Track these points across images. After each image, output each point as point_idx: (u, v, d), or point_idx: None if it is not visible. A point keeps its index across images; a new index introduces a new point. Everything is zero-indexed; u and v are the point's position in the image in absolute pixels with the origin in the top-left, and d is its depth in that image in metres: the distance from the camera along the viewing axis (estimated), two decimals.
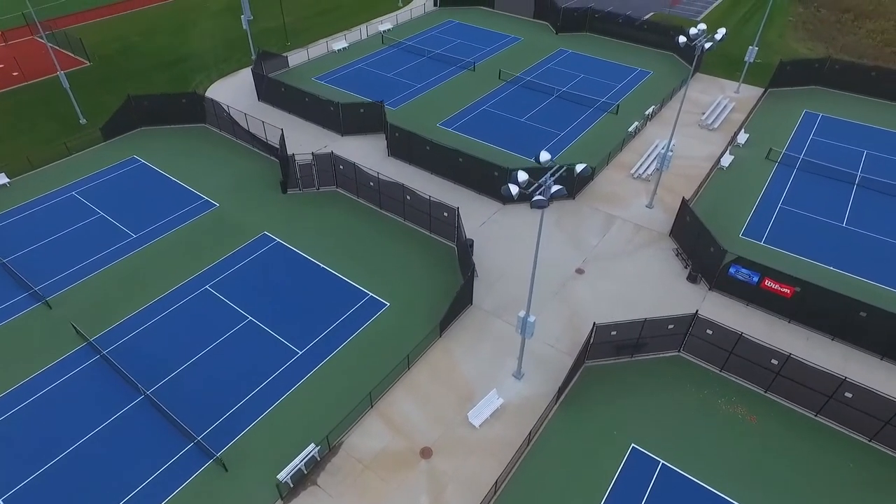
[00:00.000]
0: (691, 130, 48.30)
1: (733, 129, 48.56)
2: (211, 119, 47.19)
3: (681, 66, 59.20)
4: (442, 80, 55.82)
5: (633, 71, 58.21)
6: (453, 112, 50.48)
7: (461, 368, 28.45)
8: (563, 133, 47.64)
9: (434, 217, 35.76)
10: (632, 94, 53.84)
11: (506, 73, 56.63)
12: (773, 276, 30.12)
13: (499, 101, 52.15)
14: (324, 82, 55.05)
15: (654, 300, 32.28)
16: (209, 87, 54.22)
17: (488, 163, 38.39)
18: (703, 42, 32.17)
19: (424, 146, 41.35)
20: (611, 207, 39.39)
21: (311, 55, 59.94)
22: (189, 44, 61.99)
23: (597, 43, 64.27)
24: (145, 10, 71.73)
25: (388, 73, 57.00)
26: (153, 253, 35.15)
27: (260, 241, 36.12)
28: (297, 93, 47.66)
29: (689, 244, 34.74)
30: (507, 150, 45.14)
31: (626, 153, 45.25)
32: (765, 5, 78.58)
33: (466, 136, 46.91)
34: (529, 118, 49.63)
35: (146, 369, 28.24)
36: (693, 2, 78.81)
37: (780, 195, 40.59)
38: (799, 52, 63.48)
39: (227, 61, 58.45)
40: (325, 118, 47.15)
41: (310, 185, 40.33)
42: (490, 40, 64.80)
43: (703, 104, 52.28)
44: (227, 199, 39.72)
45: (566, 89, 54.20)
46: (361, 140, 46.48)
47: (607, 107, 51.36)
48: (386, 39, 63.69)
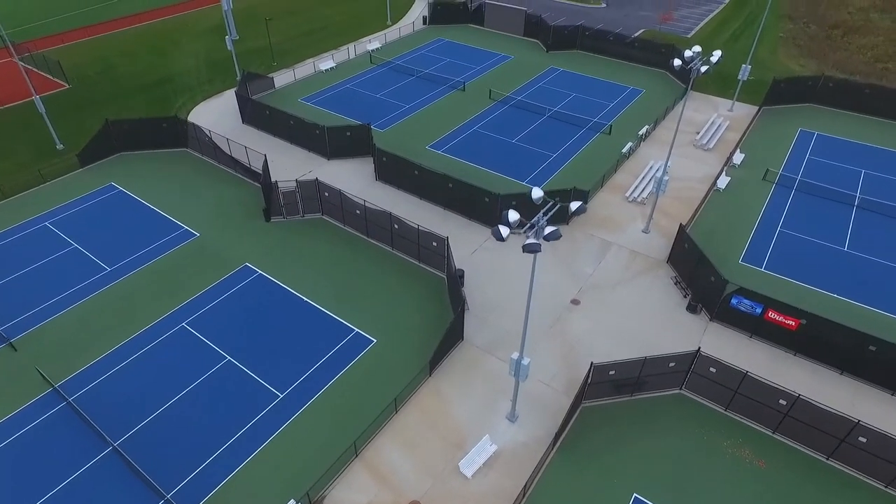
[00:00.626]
0: (686, 151, 47.31)
1: (728, 148, 47.63)
2: (193, 144, 45.73)
3: (673, 84, 58.47)
4: (431, 101, 54.72)
5: (625, 89, 57.38)
6: (443, 134, 49.29)
7: (452, 411, 26.86)
8: (556, 155, 46.51)
9: (423, 246, 34.35)
10: (624, 113, 52.92)
11: (496, 93, 55.63)
12: (776, 308, 28.84)
13: (489, 122, 51.05)
14: (311, 104, 53.79)
15: (653, 332, 30.90)
16: (192, 109, 52.83)
17: (478, 188, 37.10)
18: (699, 65, 31.14)
19: (413, 171, 40.05)
20: (606, 233, 38.13)
21: (298, 75, 58.76)
22: (172, 65, 60.65)
23: (588, 61, 63.53)
24: (127, 31, 70.30)
25: (377, 94, 55.85)
26: (128, 288, 33.45)
27: (241, 274, 34.52)
28: (282, 116, 46.34)
29: (687, 272, 33.48)
30: (498, 173, 43.89)
31: (621, 175, 44.14)
32: (754, 22, 78.46)
33: (456, 159, 45.68)
34: (521, 139, 48.50)
35: (115, 416, 26.45)
36: (683, 18, 78.57)
37: (779, 218, 39.50)
38: (791, 69, 62.96)
39: (212, 82, 57.15)
40: (311, 141, 45.82)
41: (294, 213, 38.85)
42: (480, 59, 63.93)
43: (697, 123, 51.40)
44: (207, 228, 38.14)
45: (558, 109, 53.21)
46: (348, 164, 45.13)
47: (600, 127, 50.36)
48: (374, 59, 62.66)
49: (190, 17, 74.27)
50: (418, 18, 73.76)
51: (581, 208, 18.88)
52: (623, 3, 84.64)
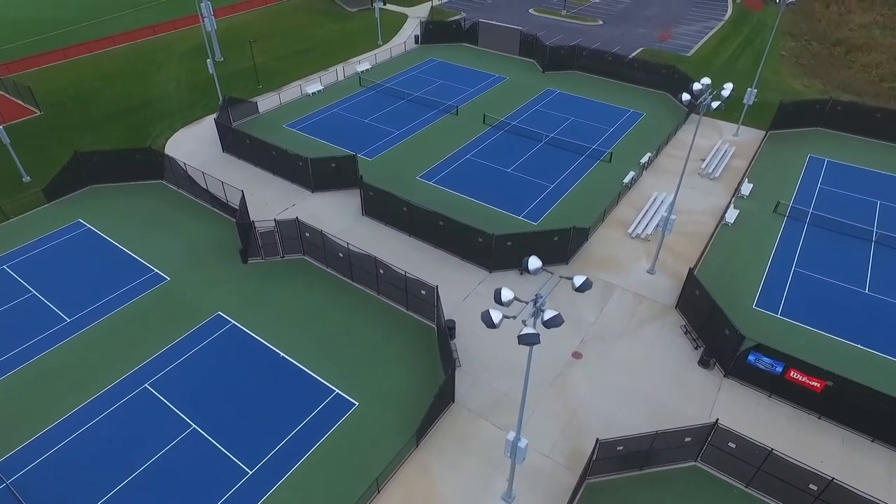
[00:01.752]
0: (691, 180, 44.83)
1: (735, 177, 45.19)
2: (169, 175, 43.04)
3: (674, 106, 56.17)
4: (422, 126, 52.24)
5: (624, 112, 55.04)
6: (434, 162, 46.74)
7: (441, 490, 23.99)
8: (553, 185, 43.96)
9: (411, 293, 31.63)
10: (625, 138, 50.49)
11: (490, 118, 53.21)
12: (799, 368, 26.17)
13: (483, 149, 48.54)
14: (296, 129, 51.24)
15: (663, 391, 28.15)
16: (171, 136, 50.20)
17: (471, 228, 34.46)
18: (709, 100, 28.67)
19: (401, 207, 37.44)
20: (608, 274, 35.49)
21: (284, 99, 56.26)
22: (151, 89, 58.07)
23: (586, 82, 61.25)
24: (105, 54, 67.33)
25: (365, 119, 53.35)
26: (87, 342, 30.57)
27: (213, 324, 31.70)
28: (264, 145, 43.75)
29: (698, 321, 30.82)
30: (492, 206, 41.29)
31: (623, 207, 41.58)
32: (755, 40, 76.52)
33: (448, 191, 43.08)
34: (516, 168, 45.98)
35: (61, 500, 23.52)
36: (681, 36, 76.60)
37: (793, 256, 36.94)
38: (795, 89, 60.80)
39: (193, 107, 54.58)
40: (295, 173, 43.19)
41: (273, 254, 36.13)
42: (474, 80, 61.60)
43: (701, 149, 48.99)
44: (179, 270, 35.36)
45: (555, 135, 50.75)
46: (334, 197, 42.48)
47: (599, 154, 47.91)
48: (363, 81, 60.26)
49: (172, 38, 71.75)
50: (410, 38, 71.56)
51: (586, 284, 16.19)
52: (620, 21, 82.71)
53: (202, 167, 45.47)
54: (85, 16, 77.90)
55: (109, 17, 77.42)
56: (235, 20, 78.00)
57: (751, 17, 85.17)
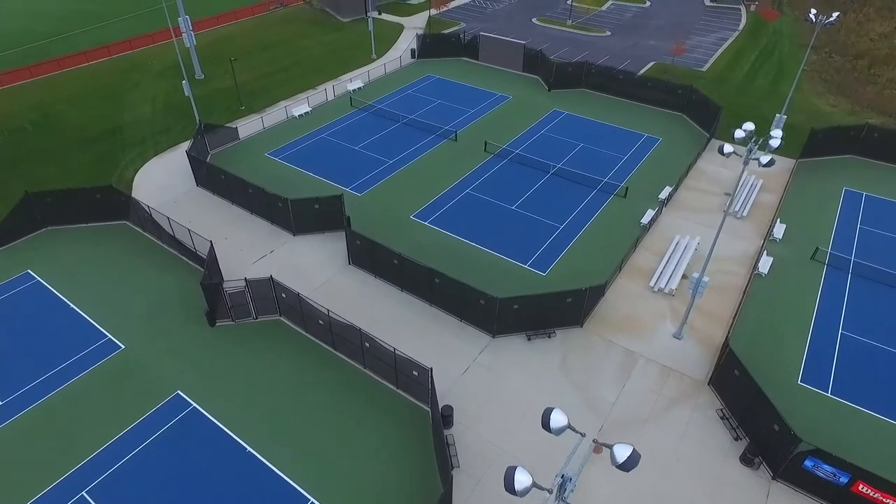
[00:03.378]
0: (716, 218, 40.28)
1: (765, 215, 40.65)
2: (134, 215, 38.53)
3: (692, 130, 51.64)
4: (418, 154, 47.69)
5: (639, 137, 50.50)
6: (430, 198, 42.17)
7: None
8: (563, 226, 39.42)
9: (401, 372, 27.13)
10: (640, 168, 45.95)
11: (492, 145, 48.65)
12: (868, 481, 21.68)
13: (485, 182, 44.00)
14: (278, 159, 46.70)
15: (699, 495, 23.63)
16: (142, 166, 45.66)
17: (471, 289, 29.94)
18: (756, 153, 24.11)
19: (392, 259, 32.93)
20: (629, 338, 30.97)
21: (267, 122, 51.69)
22: (123, 112, 53.39)
23: (595, 102, 56.70)
24: (75, 72, 61.93)
25: (356, 146, 48.80)
26: (17, 433, 25.96)
27: (171, 408, 27.16)
28: (240, 182, 39.24)
29: (737, 403, 26.32)
30: (495, 252, 36.77)
31: (641, 253, 37.08)
32: (773, 53, 71.98)
33: (445, 233, 38.55)
34: (522, 205, 41.45)
35: None
36: (694, 48, 72.07)
37: (838, 316, 32.41)
38: (822, 110, 56.30)
39: (168, 132, 50.01)
40: (275, 213, 38.66)
41: (245, 315, 31.60)
42: (474, 99, 57.06)
43: (724, 181, 44.46)
44: (137, 335, 30.82)
45: (563, 165, 46.18)
46: (317, 241, 37.95)
47: (613, 188, 43.35)
48: (355, 101, 55.68)
49: (151, 53, 66.72)
50: (406, 52, 66.99)
51: (632, 460, 11.66)
52: (628, 32, 78.15)
53: (173, 204, 41.01)
54: (62, 27, 73.11)
55: (89, 29, 72.69)
56: (219, 33, 73.20)
57: (766, 28, 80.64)
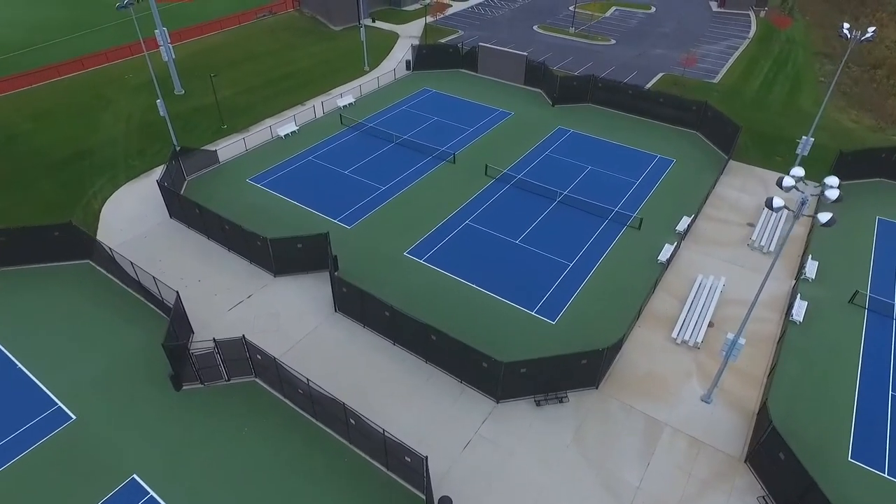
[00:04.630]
0: (740, 254, 36.67)
1: (794, 250, 36.95)
2: (98, 255, 34.75)
3: (708, 150, 47.99)
4: (413, 179, 43.95)
5: (651, 159, 46.83)
6: (426, 230, 38.44)
7: None
8: (573, 263, 35.73)
9: (392, 454, 23.43)
10: (654, 195, 42.29)
11: (494, 168, 44.92)
12: None
13: (486, 211, 40.29)
14: (261, 185, 42.92)
15: None
16: (112, 194, 41.81)
17: (471, 350, 26.24)
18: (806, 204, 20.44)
19: (382, 311, 29.22)
20: (651, 403, 27.29)
21: (251, 143, 47.88)
22: (95, 132, 49.37)
23: (602, 119, 53.00)
24: (46, 87, 57.21)
25: (345, 170, 45.03)
26: None
27: (124, 496, 23.40)
28: (216, 218, 35.49)
29: (782, 487, 22.68)
30: (498, 296, 33.06)
31: (660, 296, 33.41)
32: (787, 62, 68.37)
33: (442, 272, 34.83)
34: (527, 238, 37.75)
35: None
36: (703, 58, 68.41)
37: (887, 372, 28.80)
38: (844, 126, 52.72)
39: (142, 155, 46.16)
40: (254, 250, 34.91)
41: (216, 378, 27.85)
42: (474, 116, 53.33)
43: (746, 209, 40.83)
44: (91, 403, 27.01)
45: (570, 191, 42.46)
46: (301, 283, 34.21)
47: (625, 219, 39.65)
48: (345, 119, 51.89)
49: (128, 66, 62.25)
50: (401, 63, 63.22)
51: None
52: (634, 40, 74.48)
53: (143, 239, 37.24)
54: (35, 38, 68.76)
55: (64, 39, 68.53)
56: (203, 43, 69.08)
57: (778, 35, 77.06)
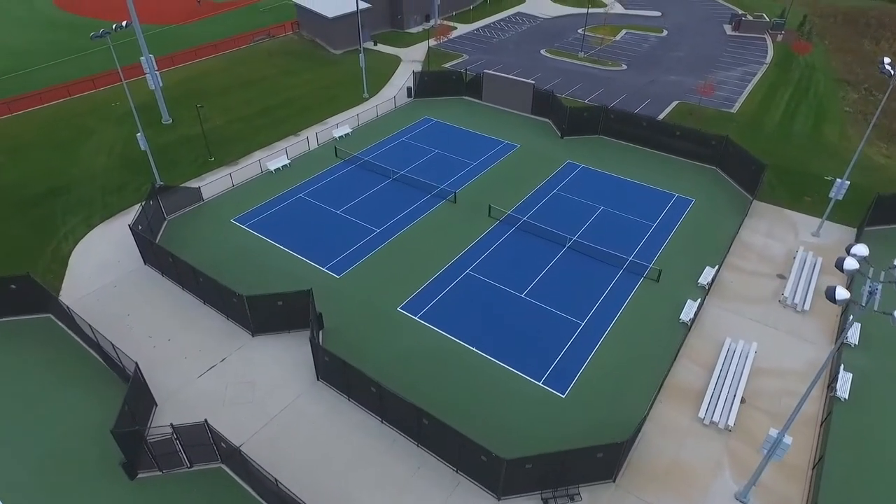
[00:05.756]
0: (771, 312, 32.91)
1: (832, 307, 33.20)
2: (58, 308, 31.45)
3: (729, 188, 44.40)
4: (410, 220, 40.60)
5: (668, 198, 43.30)
6: (423, 281, 34.97)
7: None
8: (585, 322, 32.10)
9: None
10: (673, 239, 38.73)
11: (497, 209, 41.51)
12: None
13: (488, 259, 36.80)
14: (245, 226, 39.68)
15: None
16: (85, 235, 38.68)
17: (468, 440, 22.58)
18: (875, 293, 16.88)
19: (369, 387, 25.66)
20: (676, 498, 23.50)
21: (239, 178, 44.76)
22: (74, 165, 46.30)
23: (614, 152, 49.62)
24: (25, 116, 53.87)
25: (338, 209, 41.76)
26: None
27: None
28: (190, 269, 32.18)
29: None
30: (500, 362, 29.48)
31: (684, 364, 29.67)
32: (809, 89, 64.97)
33: (439, 332, 31.28)
34: (533, 292, 34.18)
35: None
36: (720, 84, 65.05)
37: None
38: (876, 163, 49.08)
39: (121, 191, 43.08)
40: (231, 305, 31.56)
41: (176, 465, 24.30)
42: (477, 149, 50.09)
43: (775, 259, 37.14)
44: (28, 494, 23.53)
45: (581, 237, 38.94)
46: (281, 344, 30.73)
47: (642, 268, 36.07)
48: (340, 152, 48.76)
49: (115, 94, 58.83)
50: (402, 90, 60.27)
51: None
52: (646, 65, 71.34)
53: (112, 289, 33.98)
54: (22, 63, 66.23)
55: (52, 64, 65.92)
56: (196, 68, 66.25)
57: (796, 60, 73.76)
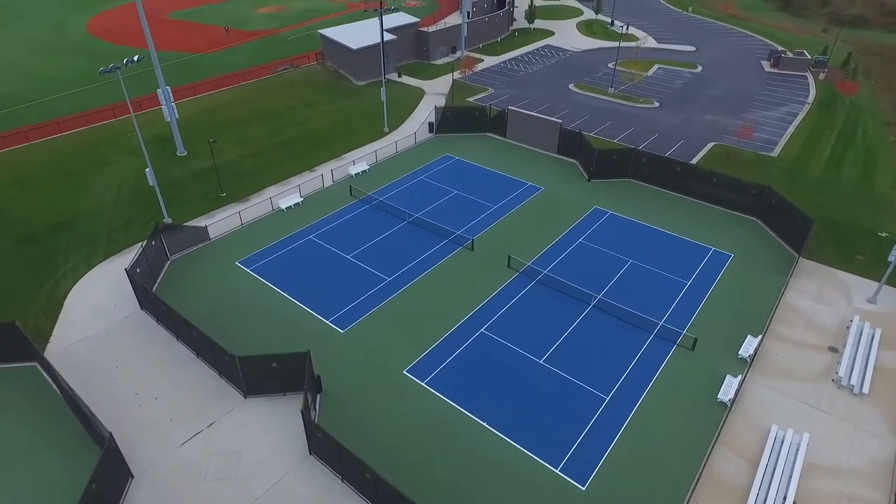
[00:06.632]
0: (824, 393, 29.13)
1: (891, 389, 29.34)
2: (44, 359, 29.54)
3: (772, 243, 40.82)
4: (424, 269, 38.01)
5: (703, 252, 39.92)
6: (433, 340, 32.16)
7: None
8: (610, 397, 28.80)
9: None
10: (710, 300, 35.28)
11: (517, 261, 38.67)
12: None
13: (505, 317, 33.83)
14: (250, 270, 37.61)
15: None
16: (84, 275, 37.02)
17: None
18: None
19: (363, 473, 22.83)
20: None
21: (249, 216, 42.91)
22: (83, 198, 45.06)
23: (645, 198, 46.51)
24: (40, 146, 52.89)
25: (348, 254, 39.46)
26: None
27: None
28: (183, 321, 30.04)
29: None
30: (514, 442, 26.35)
31: (723, 454, 26.06)
32: (855, 132, 61.09)
33: (448, 402, 28.37)
34: (552, 358, 31.03)
35: None
36: (759, 125, 61.48)
37: None
38: None
39: (128, 227, 41.55)
40: (223, 364, 29.19)
41: None
42: (499, 190, 47.52)
43: (826, 328, 33.38)
44: None
45: (606, 296, 35.68)
46: (274, 408, 28.14)
47: (674, 336, 32.66)
48: (355, 191, 46.71)
49: (130, 124, 56.00)
50: (423, 125, 58.38)
51: None
52: (680, 104, 68.32)
53: (104, 336, 32.10)
54: (46, 89, 66.14)
55: (75, 91, 65.71)
56: (216, 99, 65.27)
57: (841, 100, 69.88)
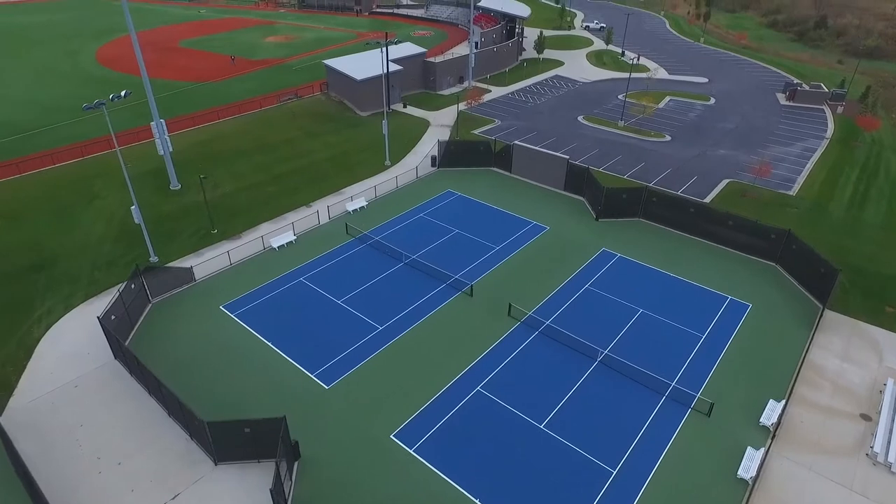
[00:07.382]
0: (858, 470, 26.08)
1: None
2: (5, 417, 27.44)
3: (793, 291, 38.05)
4: (419, 316, 35.62)
5: (720, 301, 37.21)
6: (423, 400, 29.59)
7: None
8: (617, 470, 26.00)
9: None
10: (727, 356, 32.48)
11: (518, 309, 36.17)
12: None
13: (503, 373, 31.23)
14: (234, 315, 35.43)
15: None
16: (59, 319, 35.03)
17: None
18: None
19: None
20: None
21: (238, 256, 40.94)
22: (68, 234, 43.41)
23: (657, 240, 44.00)
24: (31, 178, 51.32)
25: (339, 299, 37.23)
26: None
27: None
28: (154, 378, 27.82)
29: None
30: None
31: None
32: (877, 170, 58.42)
33: (437, 473, 25.68)
34: (554, 422, 28.28)
35: None
36: (777, 162, 59.00)
37: None
38: None
39: (111, 267, 39.72)
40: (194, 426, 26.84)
41: None
42: (502, 230, 45.26)
43: (855, 390, 30.42)
44: None
45: (613, 351, 32.97)
46: (246, 478, 25.65)
47: (688, 399, 29.84)
48: (351, 229, 44.69)
49: (129, 154, 53.31)
50: (426, 158, 56.60)
51: None
52: (693, 138, 66.16)
53: (73, 389, 29.95)
54: (46, 119, 65.52)
55: (75, 121, 64.71)
56: (215, 129, 63.84)
57: (861, 136, 67.35)
